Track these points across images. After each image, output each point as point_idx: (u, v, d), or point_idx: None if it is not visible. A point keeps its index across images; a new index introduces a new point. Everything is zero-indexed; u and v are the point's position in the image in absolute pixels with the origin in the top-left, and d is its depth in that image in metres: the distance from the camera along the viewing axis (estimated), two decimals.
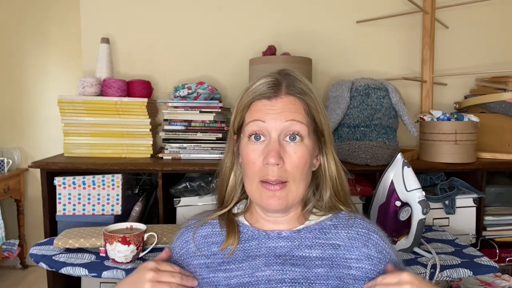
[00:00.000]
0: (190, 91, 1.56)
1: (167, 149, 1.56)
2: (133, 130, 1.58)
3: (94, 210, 1.47)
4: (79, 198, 1.47)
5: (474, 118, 1.50)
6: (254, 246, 0.80)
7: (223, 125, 1.56)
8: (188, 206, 1.49)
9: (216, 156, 1.54)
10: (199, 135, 1.55)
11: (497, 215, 1.58)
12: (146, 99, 1.56)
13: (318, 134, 0.82)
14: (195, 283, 0.79)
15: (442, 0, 1.79)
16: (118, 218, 1.46)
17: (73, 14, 2.81)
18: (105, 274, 1.06)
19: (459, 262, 1.14)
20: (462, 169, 1.51)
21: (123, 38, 1.82)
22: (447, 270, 1.09)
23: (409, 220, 1.20)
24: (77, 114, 1.57)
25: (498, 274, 1.34)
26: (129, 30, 1.82)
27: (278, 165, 0.75)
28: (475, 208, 1.54)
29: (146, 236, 1.13)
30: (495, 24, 1.87)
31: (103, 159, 1.53)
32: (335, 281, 0.75)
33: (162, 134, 1.57)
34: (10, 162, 3.00)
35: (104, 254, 1.12)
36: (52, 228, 1.48)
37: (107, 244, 1.08)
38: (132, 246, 1.07)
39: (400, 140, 1.57)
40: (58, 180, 1.46)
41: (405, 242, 1.20)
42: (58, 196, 1.46)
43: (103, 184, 1.47)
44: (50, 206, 1.47)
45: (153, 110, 1.67)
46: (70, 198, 1.47)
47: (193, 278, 0.80)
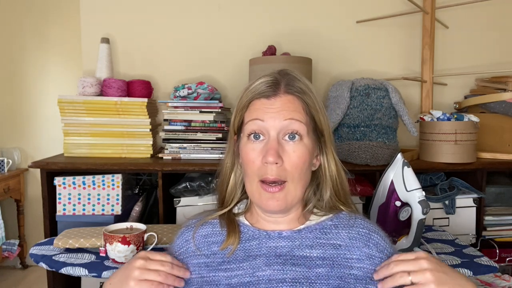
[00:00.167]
0: (190, 91, 1.56)
1: (167, 149, 1.56)
2: (133, 130, 1.58)
3: (94, 210, 1.47)
4: (79, 198, 1.47)
5: (474, 118, 1.50)
6: (255, 246, 0.80)
7: (223, 125, 1.56)
8: (188, 206, 1.49)
9: (216, 156, 1.54)
10: (199, 135, 1.55)
11: (497, 215, 1.58)
12: (146, 99, 1.56)
13: (318, 134, 0.81)
14: (187, 274, 0.79)
15: (442, 0, 1.79)
16: (118, 218, 1.46)
17: (73, 14, 2.81)
18: (105, 274, 1.06)
19: (459, 262, 1.14)
20: (462, 169, 1.51)
21: (123, 38, 1.82)
22: None
23: (409, 220, 1.20)
24: (77, 114, 1.57)
25: (498, 274, 1.34)
26: (129, 30, 1.82)
27: (277, 163, 0.75)
28: (475, 208, 1.54)
29: (146, 236, 1.13)
30: (495, 24, 1.87)
31: (103, 159, 1.53)
32: (336, 280, 0.75)
33: (162, 134, 1.57)
34: (10, 162, 3.00)
35: (104, 254, 1.12)
36: (52, 228, 1.48)
37: (107, 244, 1.08)
38: (132, 246, 1.07)
39: (400, 140, 1.57)
40: (58, 180, 1.46)
41: (405, 242, 1.20)
42: (58, 196, 1.46)
43: (103, 184, 1.47)
44: (50, 206, 1.47)
45: (153, 110, 1.67)
46: (70, 198, 1.47)
47: (185, 269, 0.80)
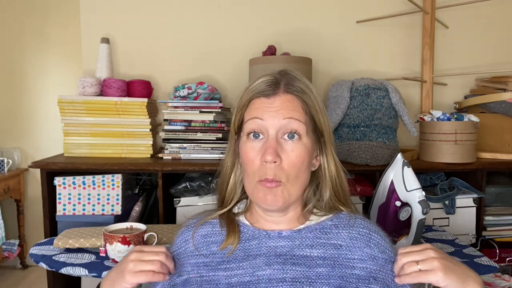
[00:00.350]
0: (190, 91, 1.56)
1: (167, 149, 1.56)
2: (133, 130, 1.58)
3: (94, 210, 1.47)
4: (79, 198, 1.47)
5: (474, 118, 1.50)
6: (255, 245, 0.80)
7: (223, 125, 1.56)
8: (188, 206, 1.49)
9: (216, 156, 1.54)
10: (199, 135, 1.55)
11: (497, 215, 1.58)
12: (146, 99, 1.56)
13: (318, 134, 0.81)
14: (172, 267, 0.79)
15: (442, 0, 1.79)
16: (118, 218, 1.47)
17: (73, 14, 2.80)
18: (105, 274, 1.06)
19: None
20: (462, 169, 1.51)
21: (123, 38, 1.82)
22: None
23: (409, 220, 1.19)
24: (77, 114, 1.57)
25: (498, 274, 1.34)
26: (129, 30, 1.82)
27: (275, 162, 0.75)
28: (475, 208, 1.54)
29: (146, 236, 1.13)
30: (495, 24, 1.87)
31: (103, 159, 1.53)
32: (337, 280, 0.75)
33: (162, 134, 1.57)
34: (10, 162, 3.00)
35: (104, 254, 1.12)
36: (52, 228, 1.48)
37: (107, 244, 1.08)
38: (132, 246, 1.07)
39: (400, 140, 1.57)
40: (58, 180, 1.46)
41: (405, 242, 1.20)
42: (58, 196, 1.46)
43: (103, 184, 1.47)
44: (50, 206, 1.47)
45: (153, 110, 1.67)
46: (70, 198, 1.47)
47: (172, 263, 0.80)
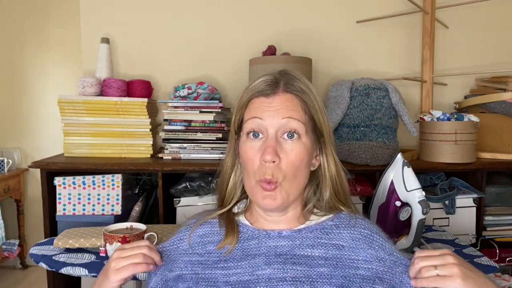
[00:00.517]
0: (190, 91, 1.56)
1: (167, 149, 1.56)
2: (133, 130, 1.58)
3: (94, 210, 1.47)
4: (79, 198, 1.47)
5: (474, 118, 1.50)
6: (254, 245, 0.80)
7: (223, 125, 1.56)
8: (188, 206, 1.49)
9: (216, 156, 1.54)
10: (199, 135, 1.55)
11: (497, 215, 1.58)
12: (146, 99, 1.56)
13: (318, 134, 0.81)
14: (158, 259, 0.79)
15: (442, 0, 1.79)
16: (118, 218, 1.46)
17: (73, 14, 2.81)
18: None
19: None
20: (462, 169, 1.51)
21: (123, 38, 1.82)
22: None
23: (409, 220, 1.20)
24: (77, 114, 1.57)
25: (498, 274, 1.34)
26: (129, 30, 1.82)
27: (274, 162, 0.75)
28: (475, 208, 1.54)
29: (146, 236, 1.13)
30: (495, 24, 1.87)
31: (103, 159, 1.53)
32: (340, 280, 0.75)
33: (162, 134, 1.57)
34: (10, 162, 3.00)
35: (104, 254, 1.12)
36: (52, 228, 1.48)
37: (107, 244, 1.08)
38: None
39: (400, 140, 1.57)
40: (58, 180, 1.46)
41: (405, 242, 1.20)
42: (58, 196, 1.46)
43: (103, 184, 1.47)
44: (50, 206, 1.47)
45: (153, 110, 1.67)
46: (70, 198, 1.47)
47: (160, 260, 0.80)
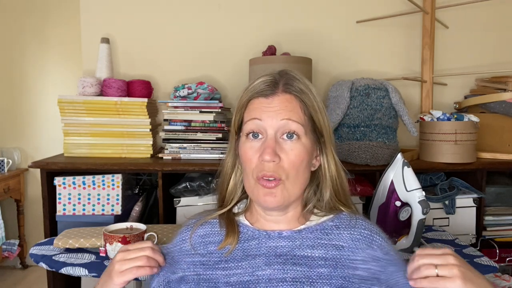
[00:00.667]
0: (190, 91, 1.56)
1: (167, 149, 1.56)
2: (133, 130, 1.58)
3: (94, 210, 1.47)
4: (79, 198, 1.47)
5: (474, 118, 1.50)
6: (254, 245, 0.80)
7: (223, 125, 1.56)
8: (188, 206, 1.49)
9: (216, 156, 1.54)
10: (199, 135, 1.55)
11: (497, 215, 1.58)
12: (146, 99, 1.56)
13: (317, 134, 0.81)
14: (161, 261, 0.80)
15: (442, 0, 1.79)
16: (118, 218, 1.47)
17: (73, 14, 2.80)
18: None
19: None
20: (462, 169, 1.51)
21: (123, 38, 1.82)
22: None
23: (409, 220, 1.20)
24: (77, 114, 1.57)
25: (498, 274, 1.34)
26: (129, 30, 1.82)
27: (274, 161, 0.75)
28: (475, 208, 1.54)
29: (146, 236, 1.13)
30: (495, 24, 1.87)
31: (103, 159, 1.53)
32: (339, 280, 0.75)
33: (162, 134, 1.57)
34: (10, 162, 3.00)
35: (104, 254, 1.12)
36: (52, 228, 1.48)
37: (107, 244, 1.07)
38: None
39: (400, 140, 1.57)
40: (58, 180, 1.46)
41: (405, 242, 1.20)
42: (58, 196, 1.46)
43: (103, 184, 1.47)
44: (50, 206, 1.47)
45: (153, 110, 1.67)
46: (70, 198, 1.47)
47: (161, 256, 0.81)
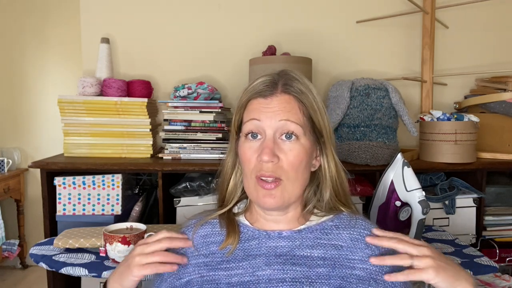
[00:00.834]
0: (190, 91, 1.56)
1: (167, 149, 1.56)
2: (133, 130, 1.58)
3: (94, 210, 1.47)
4: (79, 198, 1.47)
5: (474, 118, 1.50)
6: (254, 245, 0.80)
7: (223, 125, 1.56)
8: (188, 206, 1.49)
9: (216, 156, 1.54)
10: (199, 135, 1.55)
11: (497, 215, 1.58)
12: (146, 99, 1.56)
13: (317, 134, 0.81)
14: (185, 260, 0.80)
15: (442, 0, 1.79)
16: (118, 218, 1.46)
17: (73, 14, 2.81)
18: (105, 274, 1.06)
19: (459, 262, 1.14)
20: (462, 169, 1.51)
21: (123, 38, 1.82)
22: None
23: (409, 220, 1.20)
24: (77, 114, 1.57)
25: (498, 274, 1.34)
26: (129, 30, 1.82)
27: (272, 162, 0.75)
28: (475, 208, 1.54)
29: (146, 236, 1.12)
30: (495, 24, 1.87)
31: (103, 159, 1.53)
32: (338, 280, 0.75)
33: (162, 134, 1.57)
34: (10, 162, 3.00)
35: (104, 254, 1.12)
36: (52, 228, 1.48)
37: (107, 244, 1.08)
38: (132, 246, 1.07)
39: (400, 140, 1.57)
40: (58, 180, 1.46)
41: None
42: (58, 196, 1.46)
43: (103, 184, 1.47)
44: (50, 206, 1.47)
45: (153, 110, 1.67)
46: (70, 198, 1.47)
47: (186, 240, 0.82)
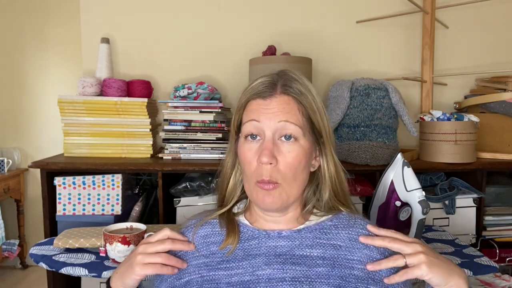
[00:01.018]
0: (190, 91, 1.56)
1: (167, 149, 1.56)
2: (133, 130, 1.58)
3: (94, 210, 1.47)
4: (79, 198, 1.47)
5: (474, 118, 1.50)
6: (254, 245, 0.80)
7: (223, 125, 1.56)
8: (188, 206, 1.49)
9: (216, 156, 1.54)
10: (199, 135, 1.55)
11: (497, 215, 1.58)
12: (146, 99, 1.56)
13: (316, 135, 0.81)
14: (184, 265, 0.80)
15: (442, 0, 1.79)
16: (118, 218, 1.46)
17: (73, 14, 2.81)
18: (105, 274, 1.06)
19: (459, 262, 1.14)
20: (462, 169, 1.51)
21: (123, 38, 1.82)
22: None
23: (409, 220, 1.20)
24: (77, 114, 1.57)
25: (498, 274, 1.34)
26: (129, 30, 1.82)
27: (271, 164, 0.75)
28: (475, 208, 1.54)
29: (146, 236, 1.12)
30: (495, 24, 1.87)
31: (103, 159, 1.53)
32: (337, 280, 0.75)
33: (162, 134, 1.57)
34: (10, 162, 3.00)
35: (104, 254, 1.12)
36: (52, 228, 1.48)
37: (107, 244, 1.08)
38: (132, 246, 1.07)
39: (400, 140, 1.57)
40: (58, 180, 1.46)
41: None
42: (58, 196, 1.46)
43: (103, 184, 1.47)
44: (50, 206, 1.47)
45: (153, 110, 1.67)
46: (70, 198, 1.47)
47: (189, 243, 0.81)
